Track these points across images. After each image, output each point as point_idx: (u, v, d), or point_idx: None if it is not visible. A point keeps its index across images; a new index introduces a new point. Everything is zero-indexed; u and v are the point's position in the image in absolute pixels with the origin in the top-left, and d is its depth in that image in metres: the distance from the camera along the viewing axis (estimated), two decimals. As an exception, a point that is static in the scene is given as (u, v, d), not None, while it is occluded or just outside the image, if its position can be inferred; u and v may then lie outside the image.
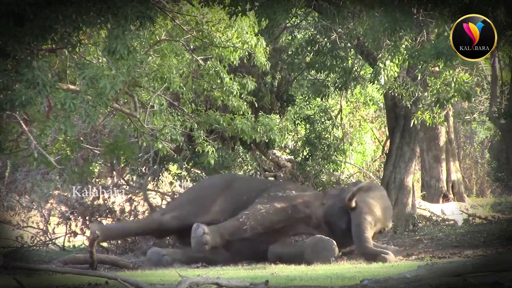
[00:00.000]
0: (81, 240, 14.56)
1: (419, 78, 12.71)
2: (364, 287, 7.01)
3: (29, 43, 6.98)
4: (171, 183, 15.38)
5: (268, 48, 9.08)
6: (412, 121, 12.99)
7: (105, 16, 7.08)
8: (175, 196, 14.09)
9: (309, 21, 14.65)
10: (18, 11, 6.81)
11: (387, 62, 11.58)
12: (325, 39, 13.49)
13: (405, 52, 11.15)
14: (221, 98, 8.84)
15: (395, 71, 11.87)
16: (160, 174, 15.21)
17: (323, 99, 14.85)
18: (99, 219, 14.71)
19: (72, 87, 7.47)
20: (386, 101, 14.60)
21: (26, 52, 6.98)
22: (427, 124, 12.93)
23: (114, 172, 15.76)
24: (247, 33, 8.46)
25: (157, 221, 11.52)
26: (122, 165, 15.07)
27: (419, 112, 12.59)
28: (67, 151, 8.38)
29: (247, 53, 8.66)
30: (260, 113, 9.93)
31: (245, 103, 9.17)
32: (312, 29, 14.11)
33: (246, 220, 11.02)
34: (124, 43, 7.00)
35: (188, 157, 14.24)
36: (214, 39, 8.32)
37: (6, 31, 6.88)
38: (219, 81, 8.77)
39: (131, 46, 7.05)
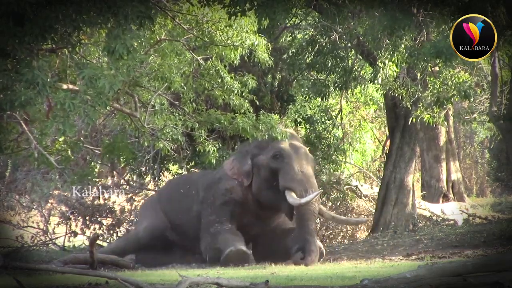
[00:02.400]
0: (81, 240, 14.57)
1: (418, 77, 12.72)
2: (364, 287, 7.02)
3: (29, 43, 6.99)
4: (171, 183, 15.38)
5: (269, 45, 9.07)
6: (411, 119, 12.99)
7: (105, 16, 7.09)
8: None
9: (309, 21, 14.65)
10: (18, 11, 6.82)
11: (386, 61, 11.59)
12: (326, 39, 13.50)
13: (404, 51, 11.16)
14: (222, 97, 8.83)
15: (394, 70, 11.87)
16: (160, 174, 15.21)
17: (324, 99, 14.86)
18: (99, 219, 14.73)
19: (72, 87, 7.46)
20: (386, 101, 14.60)
21: (26, 52, 6.99)
22: (426, 123, 12.93)
23: (114, 172, 15.77)
24: (247, 31, 8.45)
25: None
26: (122, 165, 15.07)
27: (418, 111, 12.59)
28: (68, 152, 8.38)
29: (247, 51, 8.67)
30: (261, 111, 9.94)
31: (246, 101, 9.17)
32: (312, 29, 14.11)
33: None
34: (124, 43, 6.99)
35: (189, 156, 14.25)
36: (215, 38, 8.32)
37: (6, 31, 6.88)
38: (219, 80, 8.77)
39: (130, 46, 7.04)
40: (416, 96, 12.65)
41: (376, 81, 12.12)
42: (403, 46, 11.14)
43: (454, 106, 18.56)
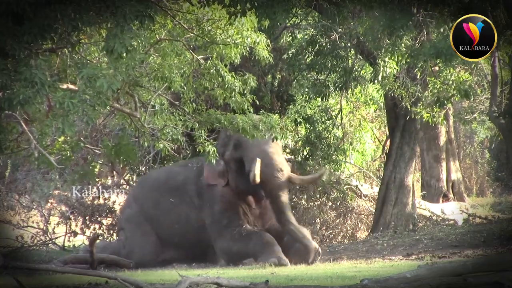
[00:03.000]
0: (81, 240, 14.56)
1: (418, 77, 12.72)
2: (364, 287, 7.02)
3: (28, 43, 6.98)
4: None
5: (269, 42, 9.06)
6: (409, 115, 12.99)
7: (104, 15, 7.08)
8: None
9: (309, 21, 14.64)
10: (17, 10, 6.81)
11: (386, 59, 11.60)
12: (326, 39, 13.49)
13: (404, 51, 11.16)
14: (223, 96, 8.82)
15: (394, 68, 11.87)
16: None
17: (324, 99, 14.85)
18: (99, 219, 14.73)
19: (71, 86, 7.45)
20: (386, 101, 14.60)
21: (25, 51, 6.98)
22: (424, 121, 12.93)
23: (114, 172, 15.77)
24: (247, 29, 8.44)
25: None
26: (122, 165, 15.07)
27: (417, 109, 12.59)
28: (68, 152, 8.37)
29: (248, 49, 8.66)
30: (261, 111, 9.93)
31: (247, 100, 9.17)
32: (312, 29, 14.11)
33: None
34: (122, 42, 6.99)
35: (189, 157, 14.23)
36: (215, 37, 8.31)
37: (5, 30, 6.87)
38: (220, 79, 8.76)
39: (129, 45, 7.04)
40: (416, 96, 12.65)
41: (376, 80, 12.12)
42: (403, 46, 11.14)
43: (454, 106, 18.58)
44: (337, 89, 14.04)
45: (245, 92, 9.07)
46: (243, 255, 10.94)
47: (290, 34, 15.07)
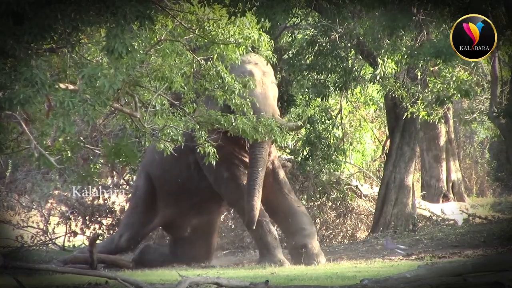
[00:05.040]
0: (81, 240, 14.57)
1: (419, 77, 12.73)
2: (364, 287, 7.02)
3: (28, 42, 6.98)
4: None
5: (272, 42, 9.05)
6: (406, 114, 12.99)
7: (104, 15, 7.08)
8: None
9: (309, 21, 14.65)
10: (17, 10, 6.82)
11: (385, 58, 11.61)
12: (326, 39, 13.50)
13: (404, 50, 11.17)
14: (223, 97, 8.81)
15: (393, 68, 11.88)
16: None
17: (324, 99, 14.86)
18: (99, 219, 14.74)
19: (71, 86, 7.46)
20: (386, 101, 14.60)
21: (25, 51, 6.98)
22: (421, 118, 12.93)
23: (114, 172, 15.77)
24: (248, 28, 8.43)
25: (116, 249, 11.77)
26: (122, 165, 15.07)
27: (414, 109, 12.60)
28: (68, 152, 8.37)
29: (250, 49, 8.65)
30: (261, 113, 9.92)
31: (246, 104, 9.15)
32: (312, 30, 14.12)
33: None
34: (123, 42, 6.98)
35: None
36: (215, 37, 8.30)
37: (6, 30, 6.87)
38: (220, 80, 8.75)
39: (130, 45, 7.03)
40: (416, 96, 12.66)
41: (376, 81, 12.12)
42: (403, 46, 11.15)
43: (454, 106, 18.58)
44: (337, 89, 14.05)
45: (244, 94, 9.06)
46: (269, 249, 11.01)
47: (290, 34, 15.07)
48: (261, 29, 8.69)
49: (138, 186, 11.98)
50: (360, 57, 13.77)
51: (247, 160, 11.16)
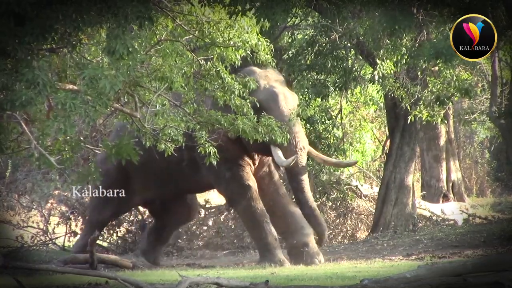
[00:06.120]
0: (81, 240, 14.55)
1: (419, 77, 12.72)
2: (364, 287, 7.03)
3: (30, 43, 6.98)
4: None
5: (271, 46, 9.06)
6: (410, 117, 13.00)
7: (105, 16, 7.09)
8: None
9: (309, 21, 14.64)
10: (18, 11, 6.82)
11: (384, 59, 11.61)
12: (326, 39, 13.50)
13: (404, 50, 11.17)
14: (224, 98, 8.82)
15: (391, 68, 11.88)
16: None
17: (324, 99, 14.86)
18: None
19: (72, 87, 7.46)
20: (386, 101, 14.60)
21: (26, 52, 6.99)
22: (424, 120, 12.93)
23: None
24: (247, 32, 8.44)
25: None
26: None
27: (417, 110, 12.60)
28: (68, 152, 8.37)
29: (249, 52, 8.66)
30: (262, 113, 9.93)
31: (246, 104, 9.16)
32: (312, 30, 14.11)
33: None
34: (124, 43, 6.99)
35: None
36: (215, 39, 8.31)
37: (7, 31, 6.88)
38: (220, 81, 8.75)
39: (131, 46, 7.04)
40: (416, 97, 12.65)
41: (376, 81, 12.12)
42: (403, 46, 11.15)
43: (454, 106, 18.58)
44: (337, 89, 14.05)
45: (244, 95, 9.07)
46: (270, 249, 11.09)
47: (290, 34, 15.06)
48: (260, 33, 8.71)
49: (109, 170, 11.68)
50: (360, 57, 13.76)
51: (250, 162, 11.29)
